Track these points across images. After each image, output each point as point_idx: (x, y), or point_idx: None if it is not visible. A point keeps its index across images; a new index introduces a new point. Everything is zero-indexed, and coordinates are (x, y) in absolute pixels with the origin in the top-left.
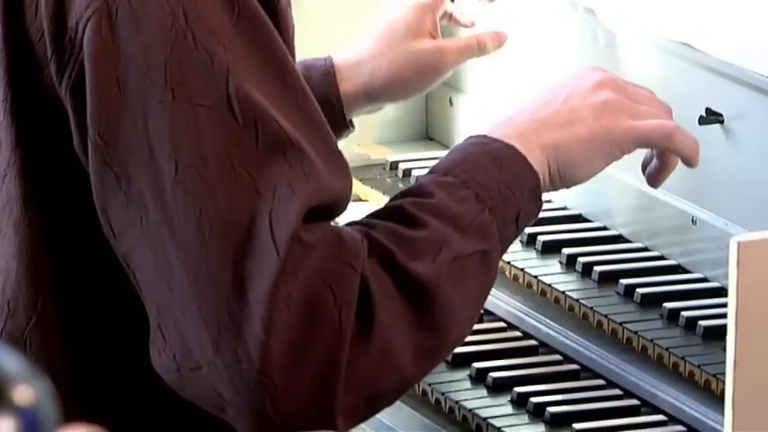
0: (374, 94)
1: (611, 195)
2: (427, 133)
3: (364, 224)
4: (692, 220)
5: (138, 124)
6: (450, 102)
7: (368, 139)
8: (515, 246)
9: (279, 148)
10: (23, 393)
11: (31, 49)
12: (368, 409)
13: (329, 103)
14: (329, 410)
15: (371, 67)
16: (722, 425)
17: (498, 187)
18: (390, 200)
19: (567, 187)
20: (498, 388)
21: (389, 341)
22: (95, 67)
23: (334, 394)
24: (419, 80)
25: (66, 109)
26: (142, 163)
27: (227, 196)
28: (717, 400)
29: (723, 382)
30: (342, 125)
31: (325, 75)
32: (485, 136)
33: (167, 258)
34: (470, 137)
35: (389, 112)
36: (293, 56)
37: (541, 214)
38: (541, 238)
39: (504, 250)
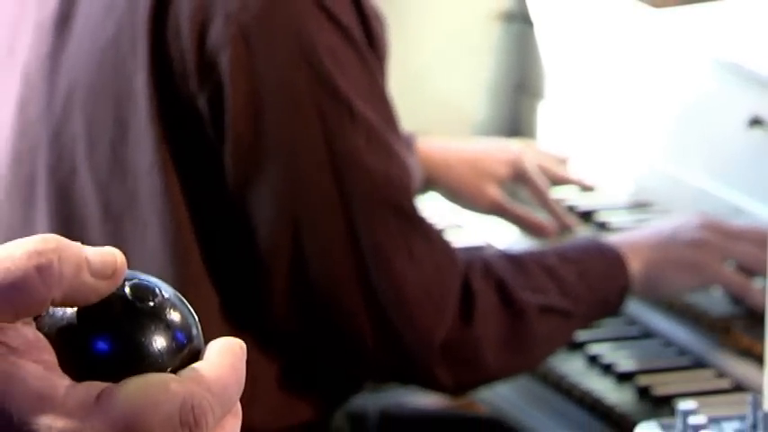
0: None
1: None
2: (512, 135)
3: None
4: None
5: (276, 128)
6: (533, 107)
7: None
8: None
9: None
10: (178, 317)
11: (171, 65)
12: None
13: None
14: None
15: (442, 177)
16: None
17: (597, 277)
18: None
19: (653, 296)
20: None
21: (482, 339)
22: (233, 83)
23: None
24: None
25: (203, 116)
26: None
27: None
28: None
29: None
30: None
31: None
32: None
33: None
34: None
35: (477, 113)
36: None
37: None
38: None
39: (584, 325)
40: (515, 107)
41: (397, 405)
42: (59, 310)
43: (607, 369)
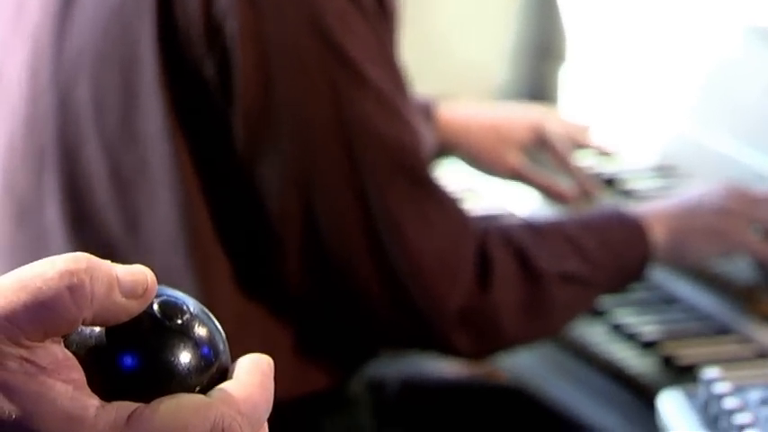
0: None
1: None
2: (534, 99)
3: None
4: None
5: (285, 93)
6: (555, 71)
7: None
8: None
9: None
10: (206, 334)
11: (178, 30)
12: (473, 346)
13: None
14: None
15: (463, 143)
16: None
17: (618, 246)
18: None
19: (678, 264)
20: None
21: (500, 306)
22: (241, 49)
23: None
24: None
25: (211, 81)
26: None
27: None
28: None
29: None
30: None
31: (425, 114)
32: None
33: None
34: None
35: (499, 77)
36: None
37: None
38: None
39: (604, 294)
40: (537, 71)
41: (418, 374)
42: (87, 328)
43: (631, 337)
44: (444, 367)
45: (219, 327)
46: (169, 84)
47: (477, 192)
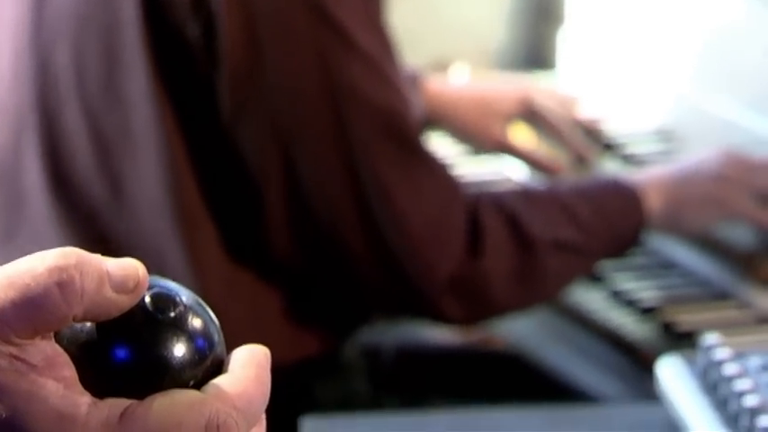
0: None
1: None
2: (532, 63)
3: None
4: None
5: (272, 58)
6: (553, 34)
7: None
8: None
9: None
10: (200, 325)
11: None
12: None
13: None
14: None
15: (450, 115)
16: None
17: (612, 214)
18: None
19: (676, 232)
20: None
21: (492, 273)
22: (227, 12)
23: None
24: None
25: (196, 45)
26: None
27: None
28: None
29: None
30: None
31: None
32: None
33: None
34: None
35: (497, 41)
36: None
37: None
38: None
39: (598, 262)
40: (535, 33)
41: (414, 340)
42: (79, 324)
43: (630, 303)
44: (440, 334)
45: (214, 317)
46: (152, 47)
47: (469, 160)
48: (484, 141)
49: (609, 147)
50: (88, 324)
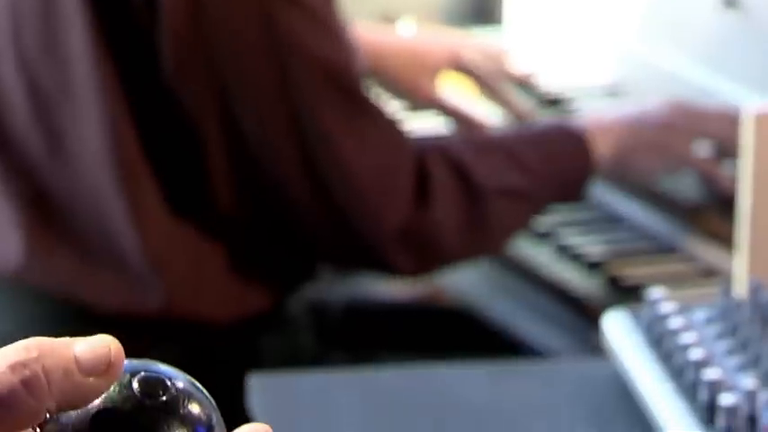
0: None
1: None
2: (479, 18)
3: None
4: None
5: (214, 13)
6: None
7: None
8: None
9: None
10: (195, 408)
11: None
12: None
13: None
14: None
15: (379, 67)
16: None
17: (559, 159)
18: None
19: (622, 179)
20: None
21: (440, 223)
22: None
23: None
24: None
25: (135, 1)
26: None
27: None
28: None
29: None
30: None
31: None
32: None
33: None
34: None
35: None
36: None
37: None
38: None
39: (546, 207)
40: None
41: (362, 296)
42: (64, 416)
43: (576, 258)
44: (388, 289)
45: (211, 398)
46: (92, 2)
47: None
48: (416, 96)
49: (555, 102)
50: (73, 414)
